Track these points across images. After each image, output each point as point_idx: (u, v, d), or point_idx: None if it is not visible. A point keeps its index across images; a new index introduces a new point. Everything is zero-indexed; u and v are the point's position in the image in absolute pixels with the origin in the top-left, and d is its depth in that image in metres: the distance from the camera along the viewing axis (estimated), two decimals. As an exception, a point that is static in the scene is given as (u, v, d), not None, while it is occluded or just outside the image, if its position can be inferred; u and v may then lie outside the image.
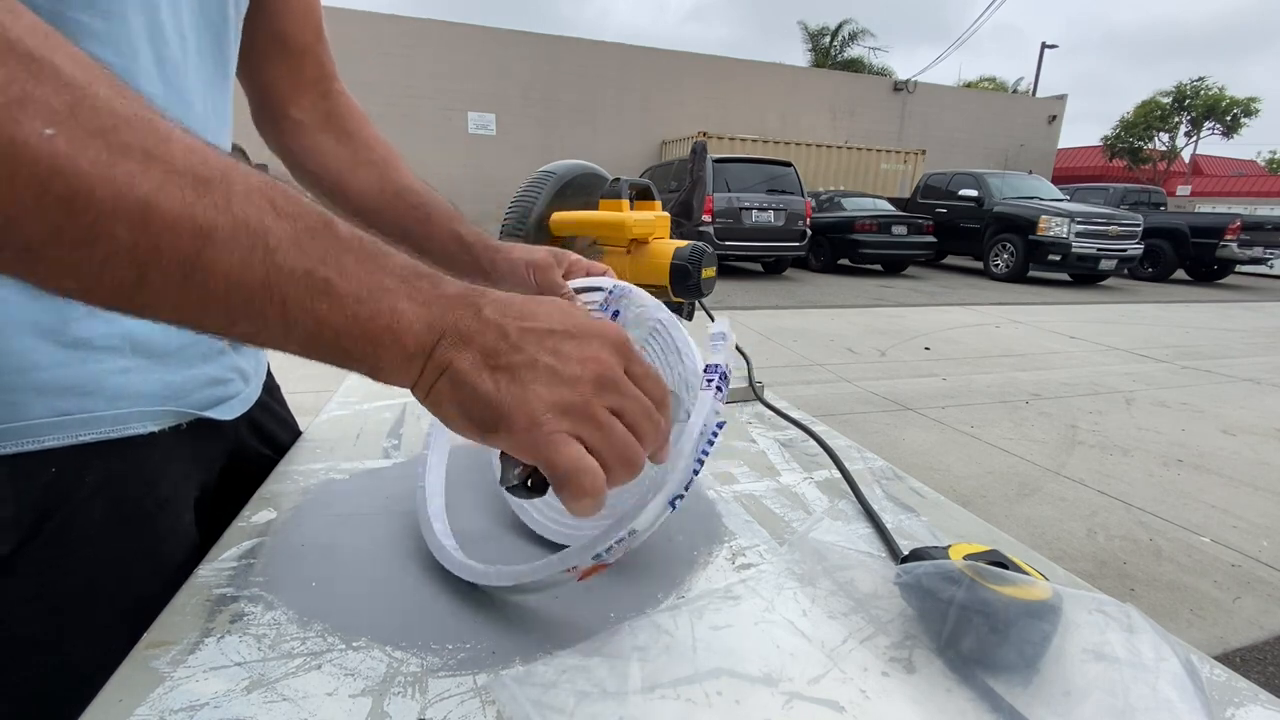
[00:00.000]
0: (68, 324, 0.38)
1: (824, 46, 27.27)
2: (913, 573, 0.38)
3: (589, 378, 0.29)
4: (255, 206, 0.25)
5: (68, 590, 0.40)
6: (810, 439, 0.70)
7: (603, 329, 0.31)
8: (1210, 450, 2.99)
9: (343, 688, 0.33)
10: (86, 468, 0.40)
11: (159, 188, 0.23)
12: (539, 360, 0.28)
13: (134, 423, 0.42)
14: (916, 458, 2.81)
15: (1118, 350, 5.07)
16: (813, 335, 5.16)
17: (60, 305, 0.37)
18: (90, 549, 0.41)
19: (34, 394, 0.38)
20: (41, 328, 0.37)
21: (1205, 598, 1.86)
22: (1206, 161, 29.05)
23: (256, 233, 0.24)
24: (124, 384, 0.41)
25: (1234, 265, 10.91)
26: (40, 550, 0.39)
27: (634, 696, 0.33)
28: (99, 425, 0.40)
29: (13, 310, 0.36)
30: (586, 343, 0.30)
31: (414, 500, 0.50)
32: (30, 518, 0.38)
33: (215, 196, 0.24)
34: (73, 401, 0.39)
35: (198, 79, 0.45)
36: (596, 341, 0.30)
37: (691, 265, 0.71)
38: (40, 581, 0.39)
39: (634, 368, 0.31)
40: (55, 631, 0.40)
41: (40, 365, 0.38)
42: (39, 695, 0.39)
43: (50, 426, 0.38)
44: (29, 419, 0.38)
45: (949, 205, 10.27)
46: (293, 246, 0.25)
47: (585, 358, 0.29)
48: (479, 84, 14.03)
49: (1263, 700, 0.35)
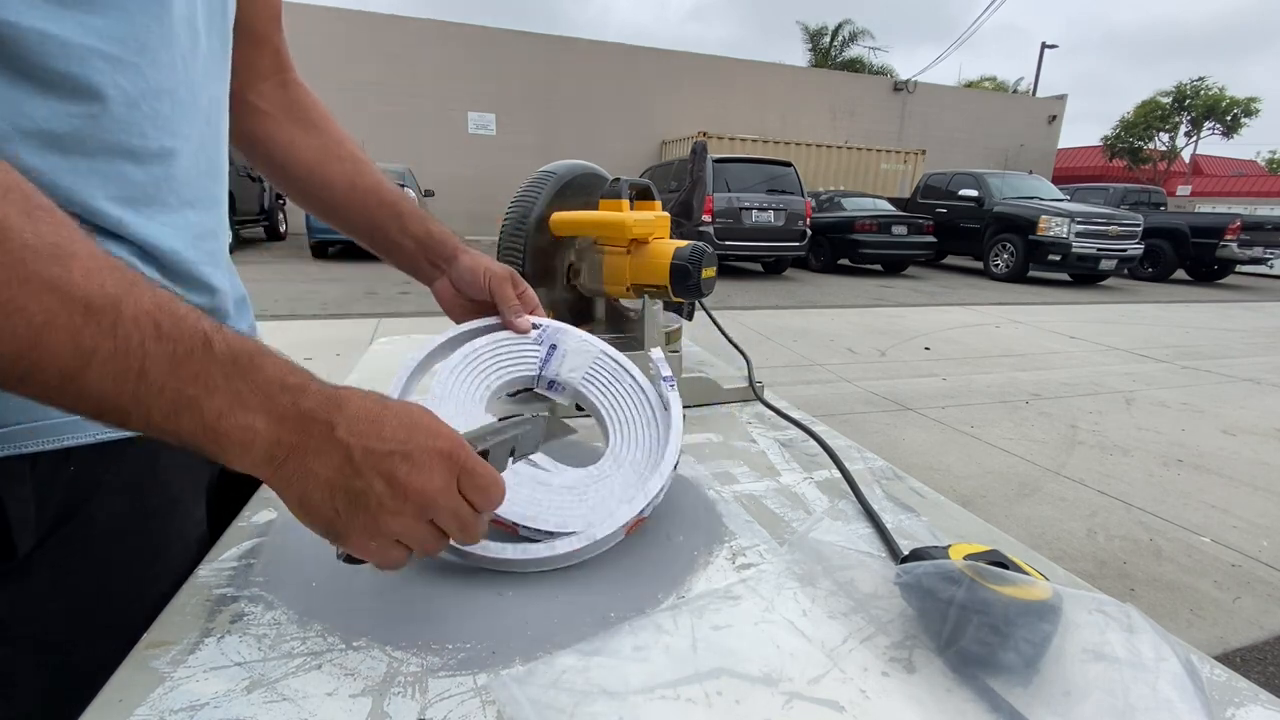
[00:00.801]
0: None
1: (824, 47, 27.28)
2: (913, 573, 0.38)
3: (413, 509, 0.34)
4: (139, 330, 0.28)
5: (86, 588, 0.41)
6: (810, 439, 0.70)
7: (440, 448, 0.34)
8: (1210, 450, 2.99)
9: (343, 688, 0.33)
10: (104, 467, 0.41)
11: (50, 319, 0.26)
12: (373, 489, 0.32)
13: None
14: (916, 458, 2.81)
15: (1118, 350, 5.07)
16: (813, 335, 5.16)
17: None
18: (108, 547, 0.41)
19: None
20: None
21: (1205, 598, 1.86)
22: (1206, 161, 29.04)
23: (134, 356, 0.27)
24: None
25: (1234, 265, 10.92)
26: (59, 548, 0.39)
27: (634, 696, 0.33)
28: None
29: None
30: (420, 467, 0.33)
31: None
32: (50, 516, 0.39)
33: (103, 322, 0.27)
34: None
35: (205, 71, 0.46)
36: (430, 463, 0.34)
37: (691, 265, 0.71)
38: (59, 579, 0.39)
39: (465, 479, 0.35)
40: (74, 628, 0.40)
41: None
42: (59, 691, 0.39)
43: (70, 425, 0.39)
44: (50, 418, 0.38)
45: (949, 205, 10.27)
46: (167, 368, 0.28)
47: (414, 488, 0.33)
48: (479, 84, 14.04)
49: (1263, 700, 0.35)
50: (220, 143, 0.50)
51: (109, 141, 0.37)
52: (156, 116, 0.40)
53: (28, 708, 0.39)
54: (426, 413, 0.36)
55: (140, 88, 0.38)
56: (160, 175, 0.41)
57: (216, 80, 0.48)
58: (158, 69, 0.39)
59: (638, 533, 0.50)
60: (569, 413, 0.70)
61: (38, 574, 0.38)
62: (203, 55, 0.45)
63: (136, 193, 0.40)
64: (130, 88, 0.37)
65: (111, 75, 0.36)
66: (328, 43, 12.68)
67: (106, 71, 0.36)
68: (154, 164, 0.41)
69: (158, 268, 0.42)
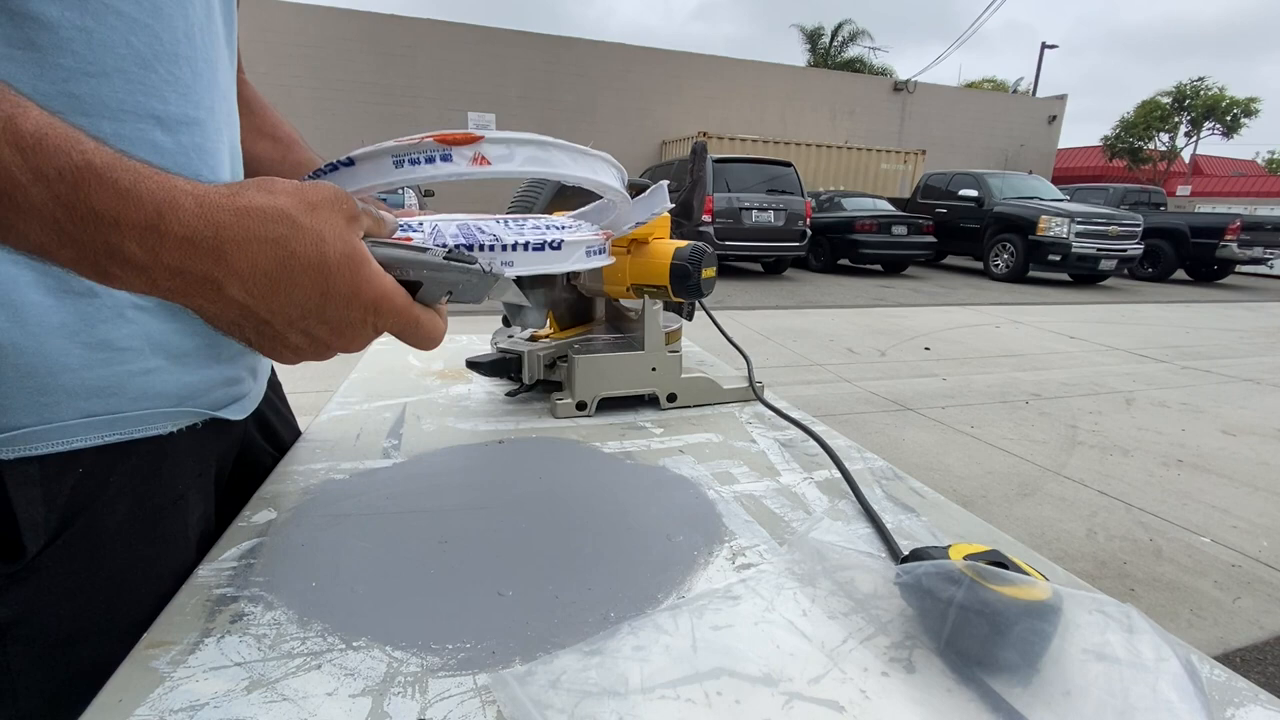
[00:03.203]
0: (93, 326, 0.39)
1: (823, 48, 27.26)
2: (913, 573, 0.38)
3: (337, 352, 0.33)
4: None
5: (93, 588, 0.41)
6: (810, 439, 0.70)
7: (359, 318, 0.32)
8: (1210, 450, 2.99)
9: (343, 688, 0.33)
10: (112, 468, 0.41)
11: None
12: (288, 338, 0.31)
13: (156, 423, 0.43)
14: (916, 458, 2.81)
15: (1118, 350, 5.07)
16: (813, 335, 5.16)
17: (84, 307, 0.38)
18: (114, 547, 0.42)
19: (65, 395, 0.38)
20: (69, 329, 0.38)
21: (1205, 598, 1.86)
22: (1206, 162, 29.04)
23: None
24: (146, 385, 0.42)
25: (1234, 265, 10.92)
26: (67, 549, 0.39)
27: (634, 696, 0.33)
28: (125, 426, 0.41)
29: (44, 313, 0.37)
30: (339, 331, 0.32)
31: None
32: (58, 517, 0.39)
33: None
34: (99, 402, 0.39)
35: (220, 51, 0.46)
36: (351, 329, 0.32)
37: (691, 265, 0.71)
38: (67, 579, 0.40)
39: (396, 332, 0.34)
40: (81, 628, 0.41)
41: (70, 367, 0.38)
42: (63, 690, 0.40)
43: (79, 428, 0.39)
44: (60, 420, 0.38)
45: (949, 205, 10.27)
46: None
47: (336, 345, 0.32)
48: (479, 84, 14.03)
49: (1263, 700, 0.35)
50: (236, 125, 0.50)
51: (129, 103, 0.37)
52: (176, 82, 0.40)
53: (32, 707, 0.39)
54: (348, 258, 0.31)
55: (155, 49, 0.38)
56: (189, 145, 0.41)
57: (230, 59, 0.49)
58: (173, 34, 0.39)
59: (638, 533, 0.50)
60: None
61: (46, 574, 0.39)
62: (219, 29, 0.45)
63: (169, 162, 0.39)
64: (144, 48, 0.38)
65: (124, 34, 0.36)
66: (328, 43, 12.68)
67: (119, 29, 0.36)
68: (182, 132, 0.41)
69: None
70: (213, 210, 0.27)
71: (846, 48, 27.02)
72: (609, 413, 0.77)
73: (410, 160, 0.40)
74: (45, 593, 0.39)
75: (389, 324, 0.33)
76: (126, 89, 0.37)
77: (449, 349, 1.04)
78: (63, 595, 0.40)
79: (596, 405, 0.77)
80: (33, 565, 0.38)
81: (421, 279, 0.36)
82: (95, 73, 0.36)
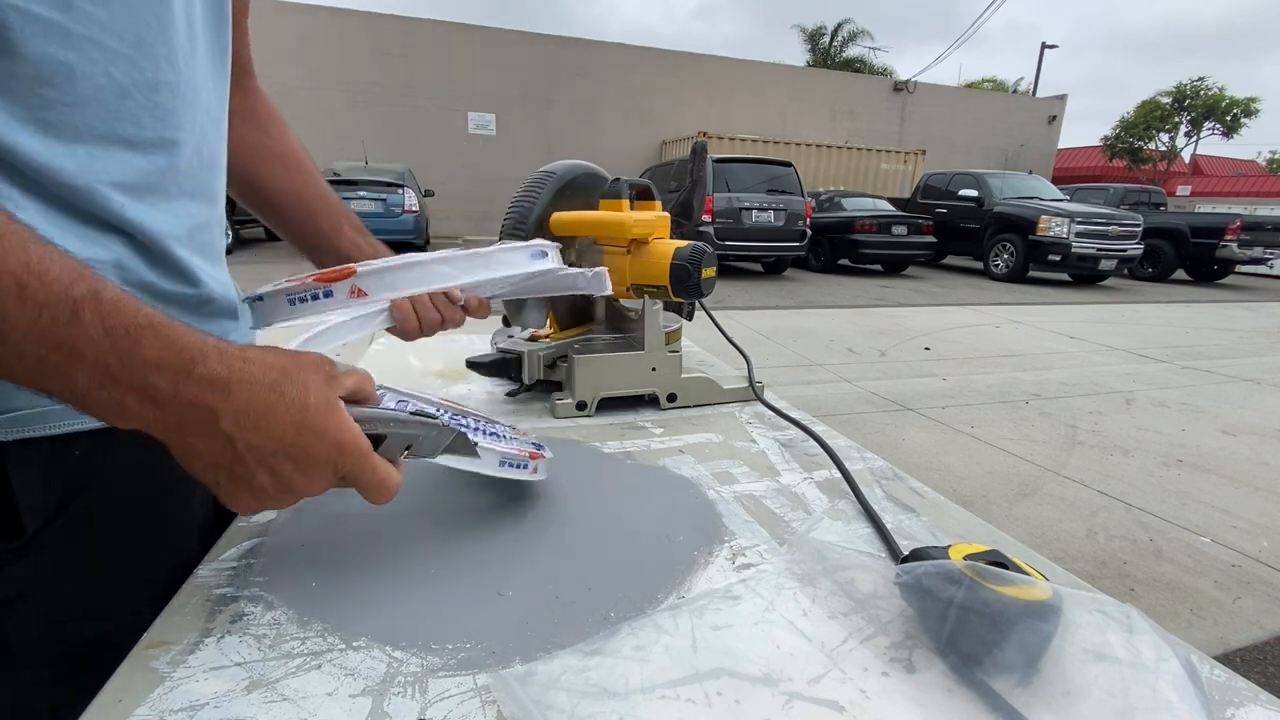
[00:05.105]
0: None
1: (823, 48, 27.26)
2: (913, 573, 0.38)
3: (295, 499, 0.36)
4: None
5: (92, 566, 0.42)
6: (810, 439, 0.70)
7: (325, 456, 0.35)
8: (1210, 450, 2.98)
9: (343, 688, 0.33)
10: (108, 450, 0.42)
11: None
12: (256, 479, 0.34)
13: None
14: (916, 458, 2.81)
15: (1118, 350, 5.07)
16: (813, 335, 5.16)
17: None
18: (113, 527, 0.43)
19: None
20: None
21: (1205, 598, 1.86)
22: (1206, 162, 29.03)
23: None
24: None
25: (1234, 265, 10.92)
26: (66, 528, 0.41)
27: (634, 696, 0.33)
28: None
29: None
30: (304, 470, 0.34)
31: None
32: (56, 498, 0.40)
33: None
34: None
35: (206, 68, 0.47)
36: (315, 469, 0.35)
37: (691, 265, 0.71)
38: (67, 557, 0.41)
39: (352, 480, 0.37)
40: (81, 605, 0.42)
41: None
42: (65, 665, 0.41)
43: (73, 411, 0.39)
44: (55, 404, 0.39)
45: (949, 205, 10.27)
46: (28, 332, 0.28)
47: (298, 486, 0.35)
48: (479, 84, 14.03)
49: (1263, 700, 0.35)
50: (221, 138, 0.51)
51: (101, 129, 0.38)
52: (155, 108, 0.41)
53: (31, 684, 0.41)
54: (324, 405, 0.35)
55: (134, 79, 0.39)
56: (163, 165, 0.43)
57: (217, 78, 0.49)
58: (154, 62, 0.40)
59: (638, 533, 0.50)
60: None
61: (46, 552, 0.40)
62: (202, 53, 0.46)
63: (139, 180, 0.41)
64: (123, 78, 0.38)
65: (105, 66, 0.37)
66: (328, 43, 12.68)
67: (100, 61, 0.37)
68: (156, 153, 0.42)
69: (145, 255, 0.43)
70: (230, 359, 0.33)
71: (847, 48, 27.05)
72: (609, 413, 0.77)
73: (300, 299, 0.45)
74: (45, 570, 0.40)
75: (350, 465, 0.36)
76: (100, 117, 0.38)
77: (449, 349, 1.04)
78: (63, 572, 0.41)
79: (596, 405, 0.77)
80: (33, 543, 0.39)
81: (386, 432, 0.39)
82: (72, 103, 0.36)
